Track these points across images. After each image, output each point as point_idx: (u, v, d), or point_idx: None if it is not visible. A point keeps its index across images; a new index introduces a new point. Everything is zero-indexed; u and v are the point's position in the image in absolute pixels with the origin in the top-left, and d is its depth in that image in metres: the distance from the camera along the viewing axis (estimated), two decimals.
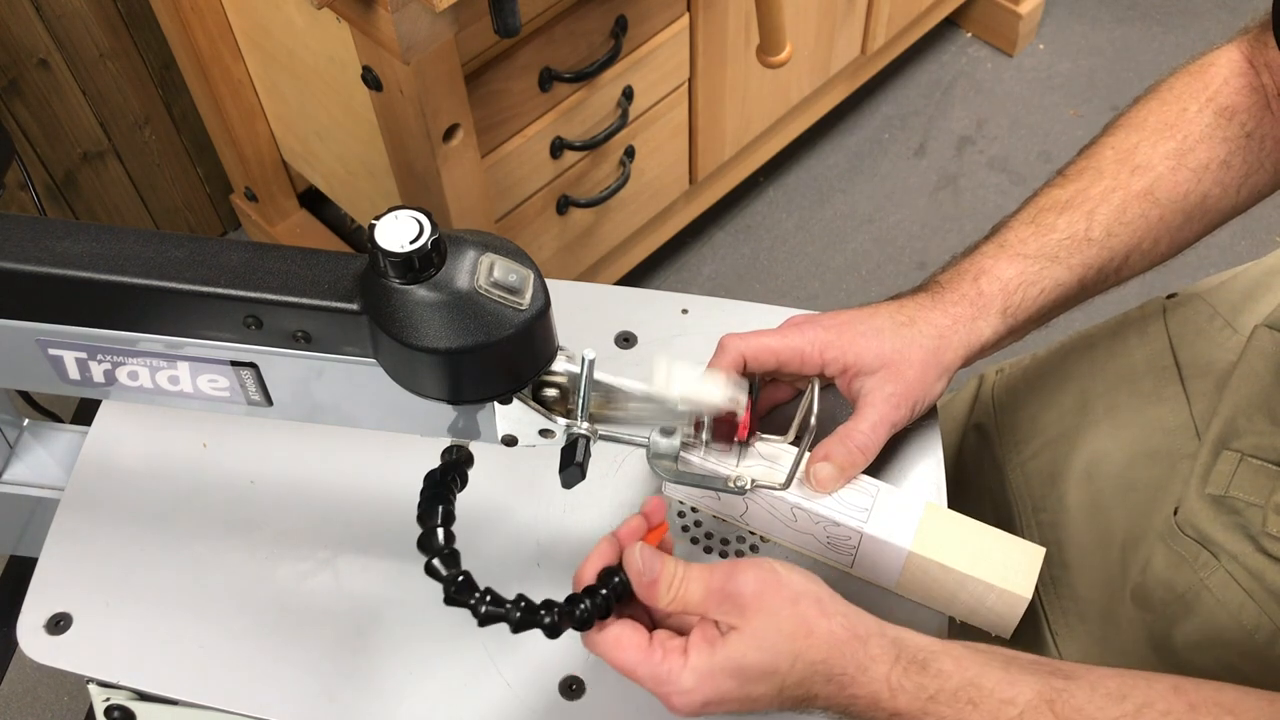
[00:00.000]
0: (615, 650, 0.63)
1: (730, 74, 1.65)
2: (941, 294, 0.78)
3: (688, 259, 2.02)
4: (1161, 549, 0.82)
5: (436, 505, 0.63)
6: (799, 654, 0.62)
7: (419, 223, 0.55)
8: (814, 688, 0.62)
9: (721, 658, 0.61)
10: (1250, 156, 0.81)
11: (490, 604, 0.61)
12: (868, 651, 0.62)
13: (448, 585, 0.61)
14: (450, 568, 0.61)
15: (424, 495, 0.63)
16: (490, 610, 0.61)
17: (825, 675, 0.62)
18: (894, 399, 0.74)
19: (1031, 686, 0.62)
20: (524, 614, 0.61)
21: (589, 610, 0.63)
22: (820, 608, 0.63)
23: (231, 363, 0.63)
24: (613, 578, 0.64)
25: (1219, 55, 0.83)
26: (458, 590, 0.61)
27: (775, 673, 0.62)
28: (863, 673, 0.62)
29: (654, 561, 0.63)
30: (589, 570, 0.65)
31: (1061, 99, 2.20)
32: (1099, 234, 0.79)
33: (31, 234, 0.59)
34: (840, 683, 0.62)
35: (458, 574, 0.61)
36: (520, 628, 0.62)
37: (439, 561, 0.61)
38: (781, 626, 0.62)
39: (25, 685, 1.61)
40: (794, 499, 0.73)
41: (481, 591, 0.61)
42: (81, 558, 0.78)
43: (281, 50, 1.44)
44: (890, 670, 0.62)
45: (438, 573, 0.61)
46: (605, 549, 0.65)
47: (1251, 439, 0.77)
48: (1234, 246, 1.96)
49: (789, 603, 0.62)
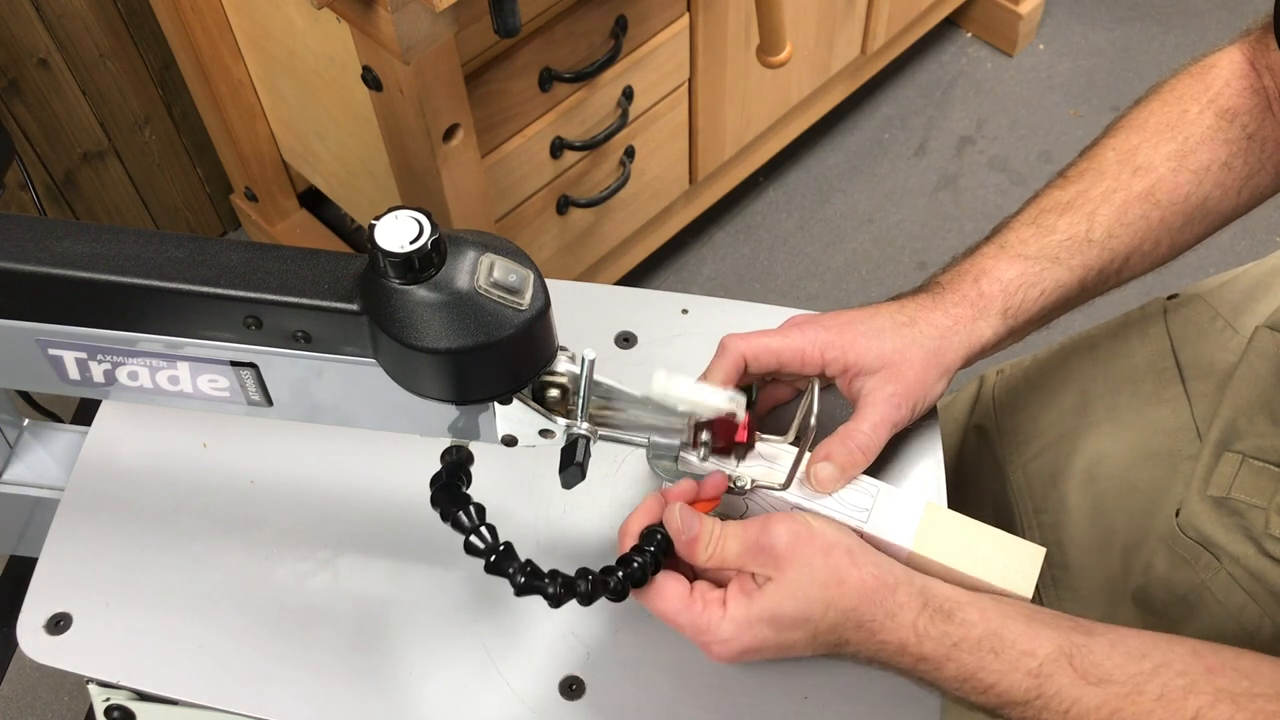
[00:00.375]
0: (659, 600, 0.67)
1: (730, 74, 1.65)
2: (942, 295, 0.78)
3: (688, 259, 2.02)
4: (1163, 551, 0.82)
5: (464, 507, 0.64)
6: (831, 602, 0.65)
7: (419, 223, 0.55)
8: (845, 634, 0.65)
9: (758, 608, 0.65)
10: (1251, 158, 0.81)
11: (563, 585, 0.64)
12: (896, 599, 0.65)
13: (515, 578, 0.63)
14: (513, 560, 0.63)
15: (442, 505, 0.64)
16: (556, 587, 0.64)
17: (856, 622, 0.65)
18: (895, 399, 0.74)
19: (1052, 640, 0.64)
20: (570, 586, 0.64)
21: (642, 567, 0.66)
22: (851, 558, 0.66)
23: (231, 363, 0.63)
24: (655, 535, 0.67)
25: (1220, 57, 0.83)
26: (529, 579, 0.63)
27: (809, 620, 0.65)
28: (891, 619, 0.65)
29: (693, 520, 0.67)
30: (635, 524, 0.69)
31: (1061, 99, 2.20)
32: (1100, 235, 0.79)
33: (31, 234, 0.59)
34: (870, 629, 0.65)
35: (525, 564, 0.63)
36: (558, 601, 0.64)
37: (499, 558, 0.63)
38: (815, 577, 0.65)
39: (25, 685, 1.61)
40: (794, 499, 0.73)
41: (521, 562, 0.64)
42: (81, 558, 0.78)
43: (281, 50, 1.44)
44: (917, 617, 0.65)
45: (501, 569, 0.63)
46: (652, 505, 0.69)
47: (1253, 440, 0.77)
48: (1234, 247, 1.96)
49: (821, 553, 0.65)
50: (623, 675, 0.73)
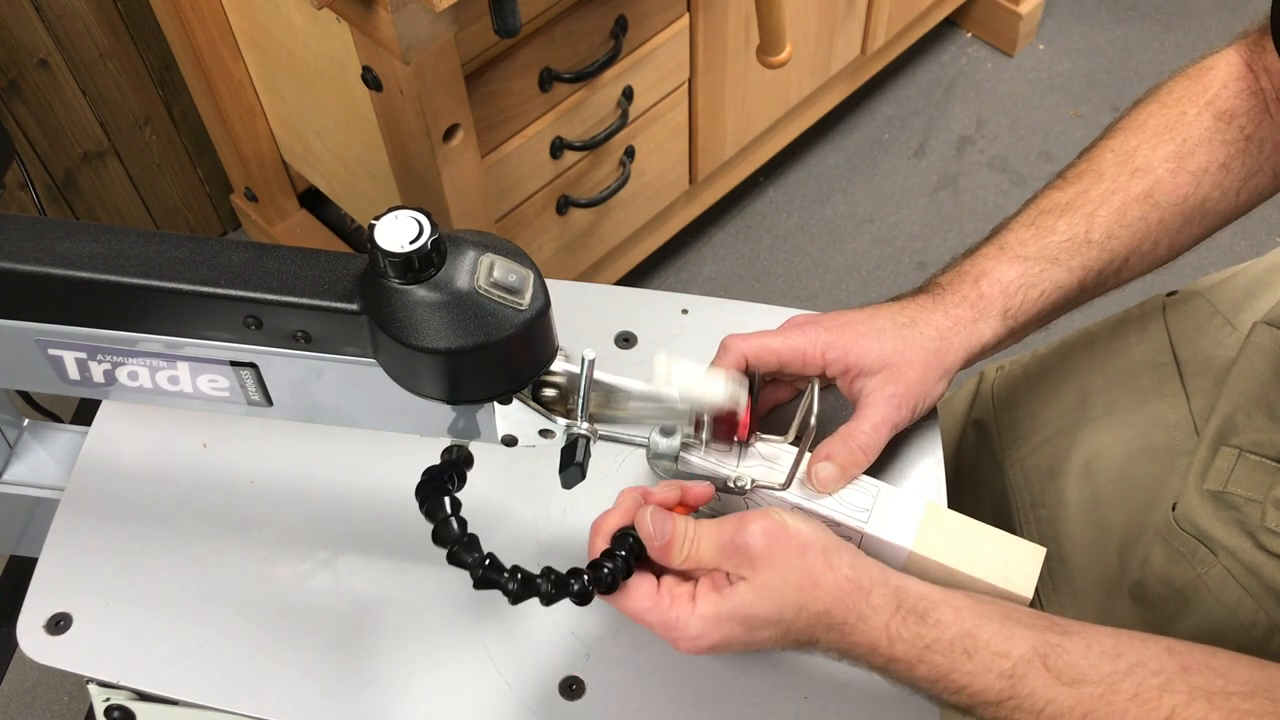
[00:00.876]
0: (627, 600, 0.66)
1: (730, 74, 1.65)
2: (943, 296, 0.78)
3: (688, 259, 2.02)
4: (1160, 545, 0.82)
5: (440, 498, 0.63)
6: (804, 604, 0.64)
7: (419, 223, 0.55)
8: (816, 634, 0.65)
9: (728, 607, 0.64)
10: (1249, 160, 0.82)
11: (522, 582, 0.63)
12: (869, 601, 0.65)
13: (474, 570, 0.62)
14: (473, 552, 0.63)
15: (422, 494, 0.64)
16: (520, 588, 0.63)
17: (827, 624, 0.65)
18: (895, 400, 0.75)
19: (1027, 640, 0.64)
20: (556, 586, 0.64)
21: (612, 573, 0.65)
22: (826, 559, 0.65)
23: (231, 363, 0.63)
24: (628, 539, 0.66)
25: (1218, 59, 0.84)
26: (486, 573, 0.63)
27: (780, 621, 0.65)
28: (862, 621, 0.65)
29: (665, 524, 0.66)
30: (609, 523, 0.68)
31: (1061, 99, 2.20)
32: (1099, 236, 0.79)
33: (31, 234, 0.59)
34: (841, 630, 0.65)
35: (484, 557, 0.63)
36: (550, 600, 0.64)
37: (460, 549, 0.62)
38: (788, 579, 0.64)
39: (25, 685, 1.61)
40: (794, 499, 0.73)
41: (510, 570, 0.63)
42: (81, 558, 0.78)
43: (281, 50, 1.44)
44: (890, 619, 0.65)
45: (461, 560, 0.62)
46: (629, 506, 0.68)
47: (1250, 435, 0.78)
48: (1234, 247, 1.96)
49: (797, 554, 0.65)
50: (623, 675, 0.73)
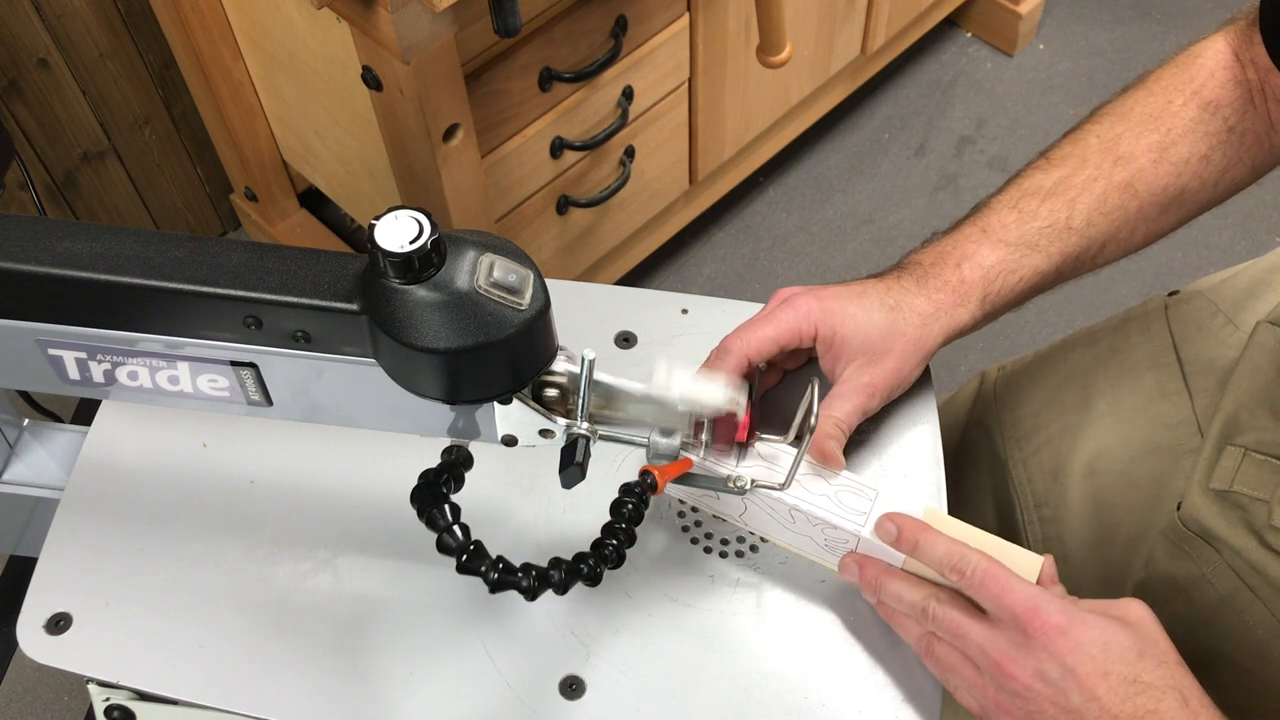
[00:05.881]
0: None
1: (730, 74, 1.65)
2: (925, 279, 0.79)
3: (688, 259, 2.02)
4: (1164, 544, 0.82)
5: (440, 505, 0.63)
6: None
7: (419, 223, 0.55)
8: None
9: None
10: (1230, 151, 0.82)
11: (536, 577, 0.62)
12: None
13: (487, 576, 0.62)
14: (484, 558, 0.62)
15: (419, 502, 0.64)
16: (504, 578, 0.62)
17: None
18: (869, 389, 0.76)
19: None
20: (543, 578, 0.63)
21: (618, 549, 0.64)
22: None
23: (231, 363, 0.63)
24: (625, 506, 0.65)
25: (1206, 47, 0.84)
26: (501, 576, 0.62)
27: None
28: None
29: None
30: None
31: (1061, 99, 2.20)
32: (1079, 223, 0.81)
33: (31, 234, 0.59)
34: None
35: (495, 561, 0.62)
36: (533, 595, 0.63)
37: (470, 557, 0.62)
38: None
39: (25, 685, 1.61)
40: (792, 500, 0.73)
41: (522, 568, 0.62)
42: (81, 558, 0.78)
43: (281, 50, 1.44)
44: None
45: (472, 568, 0.62)
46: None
47: (1255, 434, 0.78)
48: (1234, 247, 1.96)
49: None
50: (623, 675, 0.73)
